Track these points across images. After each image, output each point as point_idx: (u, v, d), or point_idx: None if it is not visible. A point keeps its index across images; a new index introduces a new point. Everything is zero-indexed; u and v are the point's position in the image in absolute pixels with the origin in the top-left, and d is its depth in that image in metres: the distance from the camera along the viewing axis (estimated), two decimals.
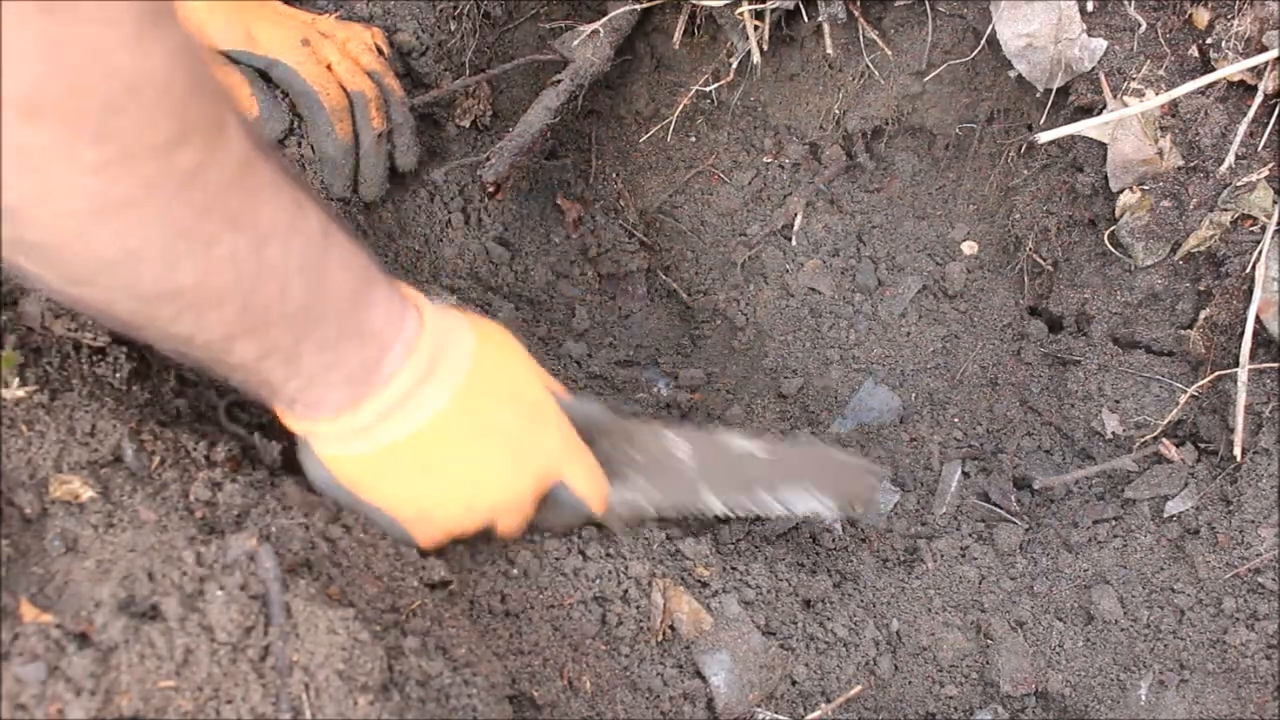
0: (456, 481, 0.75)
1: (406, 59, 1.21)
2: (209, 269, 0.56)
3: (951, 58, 1.19)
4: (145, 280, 0.55)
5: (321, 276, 0.63)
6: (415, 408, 0.70)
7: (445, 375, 0.71)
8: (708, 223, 1.44)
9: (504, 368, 0.77)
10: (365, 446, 0.71)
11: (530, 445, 0.78)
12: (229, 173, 0.55)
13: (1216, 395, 1.05)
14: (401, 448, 0.71)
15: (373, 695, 0.60)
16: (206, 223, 0.55)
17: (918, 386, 1.28)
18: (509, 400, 0.77)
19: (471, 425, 0.73)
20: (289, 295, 0.61)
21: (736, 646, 0.92)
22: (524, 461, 0.78)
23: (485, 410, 0.74)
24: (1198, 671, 0.98)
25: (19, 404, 0.68)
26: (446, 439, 0.72)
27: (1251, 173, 0.98)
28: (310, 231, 0.62)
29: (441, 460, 0.73)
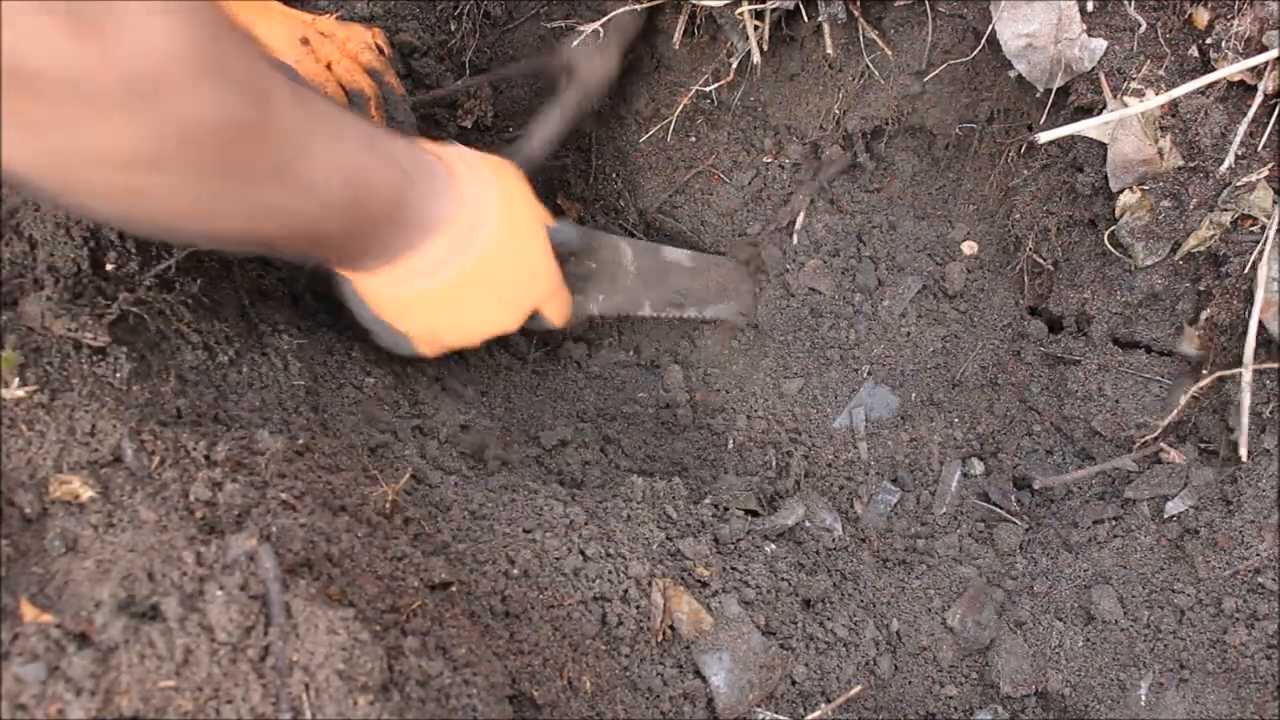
0: (465, 319, 0.96)
1: (408, 59, 1.21)
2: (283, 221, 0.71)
3: (951, 58, 1.19)
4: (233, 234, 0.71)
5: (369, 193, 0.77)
6: (444, 269, 0.88)
7: (472, 247, 0.89)
8: (708, 223, 1.44)
9: (518, 233, 0.94)
10: (401, 290, 0.89)
11: (525, 295, 1.00)
12: (286, 153, 0.67)
13: (1216, 395, 1.05)
14: (429, 294, 0.89)
15: (373, 695, 0.60)
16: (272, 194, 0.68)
17: (918, 386, 1.28)
18: (516, 263, 0.95)
19: (485, 283, 0.92)
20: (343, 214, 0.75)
21: (736, 646, 0.92)
22: (518, 306, 1.00)
23: (497, 273, 0.93)
24: (1198, 671, 0.98)
25: (19, 404, 0.68)
26: (464, 292, 0.91)
27: (1251, 173, 0.98)
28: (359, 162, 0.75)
29: (457, 306, 0.92)
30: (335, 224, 0.76)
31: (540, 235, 0.99)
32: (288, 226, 0.71)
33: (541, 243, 0.99)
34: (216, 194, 0.63)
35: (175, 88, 0.55)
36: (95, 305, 0.79)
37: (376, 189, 0.77)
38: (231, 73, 0.59)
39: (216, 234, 0.70)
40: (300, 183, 0.69)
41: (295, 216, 0.71)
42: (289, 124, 0.66)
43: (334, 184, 0.72)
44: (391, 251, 0.85)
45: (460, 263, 0.88)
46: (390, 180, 0.79)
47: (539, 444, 1.21)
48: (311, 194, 0.70)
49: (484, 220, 0.89)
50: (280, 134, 0.65)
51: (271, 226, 0.70)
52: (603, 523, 0.98)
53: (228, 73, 0.59)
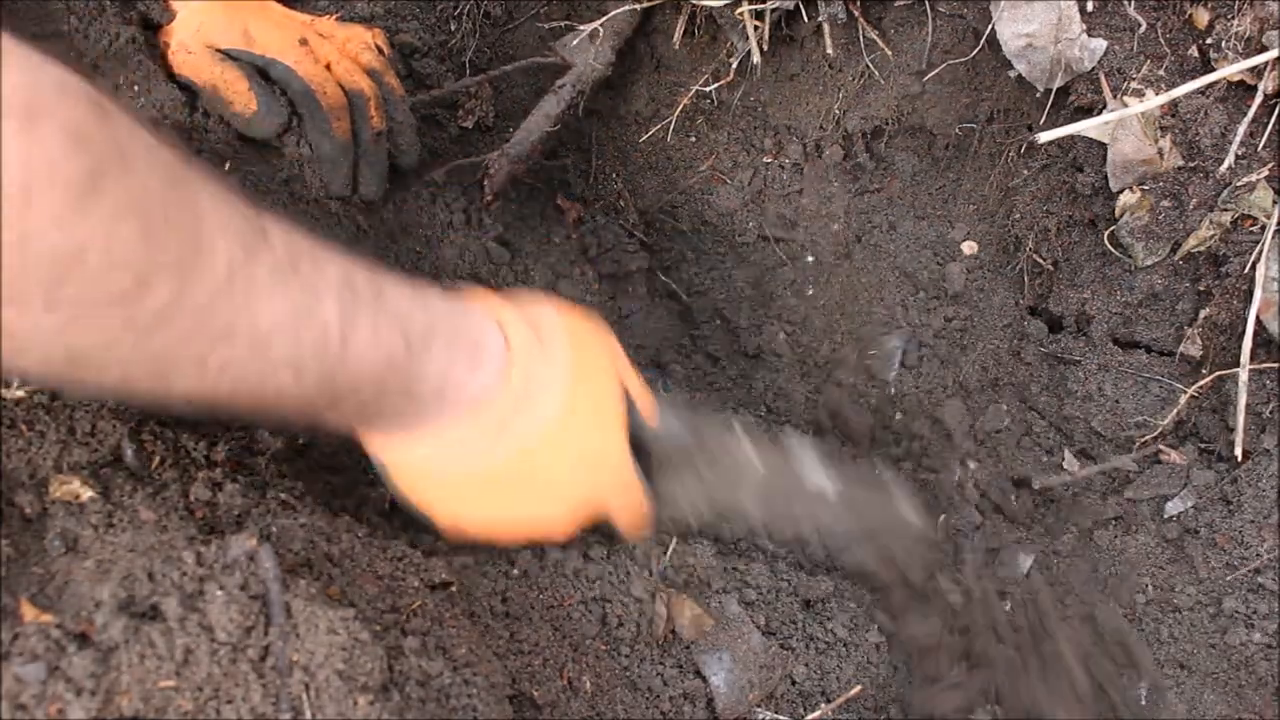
0: (497, 519, 0.79)
1: (408, 59, 1.21)
2: (203, 381, 0.56)
3: (951, 58, 1.19)
4: (145, 397, 0.56)
5: (343, 356, 0.62)
6: (472, 456, 0.72)
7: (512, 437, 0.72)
8: (708, 223, 1.44)
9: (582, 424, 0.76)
10: (415, 465, 0.74)
11: (580, 495, 0.80)
12: (211, 290, 0.54)
13: (1216, 395, 1.05)
14: (448, 480, 0.74)
15: (373, 695, 0.60)
16: (190, 346, 0.54)
17: (918, 386, 1.28)
18: (575, 460, 0.77)
19: (524, 483, 0.75)
20: (305, 379, 0.60)
21: (736, 647, 0.92)
22: (570, 510, 0.80)
23: (545, 473, 0.75)
24: (1197, 672, 0.98)
25: (19, 404, 0.68)
26: (493, 489, 0.75)
27: (1251, 173, 0.98)
28: (326, 317, 0.60)
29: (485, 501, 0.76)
30: (299, 393, 0.61)
31: (615, 429, 0.79)
32: (223, 387, 0.58)
33: (614, 438, 0.80)
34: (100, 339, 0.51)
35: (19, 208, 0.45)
36: None
37: (358, 353, 0.62)
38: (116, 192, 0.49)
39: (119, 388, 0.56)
40: (234, 335, 0.56)
41: (230, 374, 0.57)
42: (220, 259, 0.54)
43: (287, 346, 0.59)
44: (404, 422, 0.70)
45: (493, 456, 0.72)
46: (382, 343, 0.64)
47: None
48: (253, 350, 0.57)
49: (535, 409, 0.73)
50: (205, 270, 0.53)
51: (197, 384, 0.57)
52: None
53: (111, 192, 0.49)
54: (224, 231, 0.55)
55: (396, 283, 0.67)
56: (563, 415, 0.74)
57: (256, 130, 0.97)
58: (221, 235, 0.54)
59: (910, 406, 1.25)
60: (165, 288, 0.52)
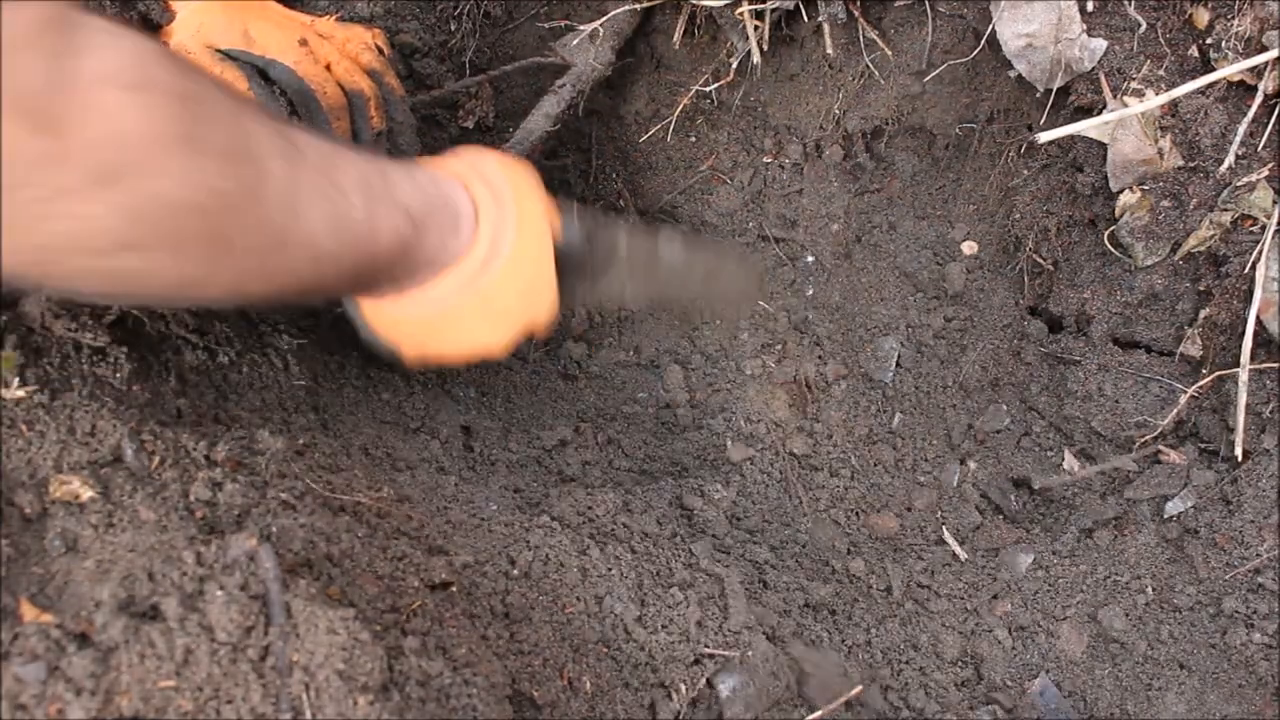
0: (457, 341, 0.92)
1: (408, 60, 1.21)
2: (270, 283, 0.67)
3: (951, 58, 1.19)
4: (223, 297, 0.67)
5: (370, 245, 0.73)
6: (448, 300, 0.85)
7: (480, 282, 0.86)
8: (708, 223, 1.44)
9: (527, 265, 0.90)
10: (400, 313, 0.85)
11: (523, 320, 0.95)
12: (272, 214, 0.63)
13: (1216, 395, 1.05)
14: (427, 319, 0.86)
15: (373, 695, 0.60)
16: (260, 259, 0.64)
17: (917, 386, 1.28)
18: (523, 291, 0.92)
19: (484, 312, 0.89)
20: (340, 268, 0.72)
21: (744, 654, 0.92)
22: (513, 329, 0.95)
23: (499, 302, 0.90)
24: (1197, 672, 0.98)
25: (19, 404, 0.68)
26: (462, 319, 0.88)
27: (1251, 173, 0.98)
28: (355, 214, 0.71)
29: (452, 330, 0.89)
30: (333, 278, 0.73)
31: (547, 261, 0.95)
32: (283, 284, 0.68)
33: (548, 269, 0.96)
34: (202, 266, 0.61)
35: (142, 168, 0.53)
36: (95, 305, 0.79)
37: (380, 240, 0.74)
38: (208, 144, 0.57)
39: (205, 299, 0.68)
40: (290, 242, 0.66)
41: (289, 274, 0.68)
42: (279, 188, 0.63)
43: (330, 242, 0.69)
44: (399, 287, 0.83)
45: (466, 295, 0.86)
46: (396, 229, 0.76)
47: (539, 444, 1.21)
48: (304, 251, 0.67)
49: (498, 256, 0.86)
50: (269, 200, 0.62)
51: (265, 286, 0.67)
52: (607, 527, 0.98)
53: (203, 145, 0.57)
54: (273, 153, 0.63)
55: (395, 168, 0.78)
56: (515, 255, 0.87)
57: None
58: (271, 157, 0.62)
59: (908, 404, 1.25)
60: (246, 216, 0.60)
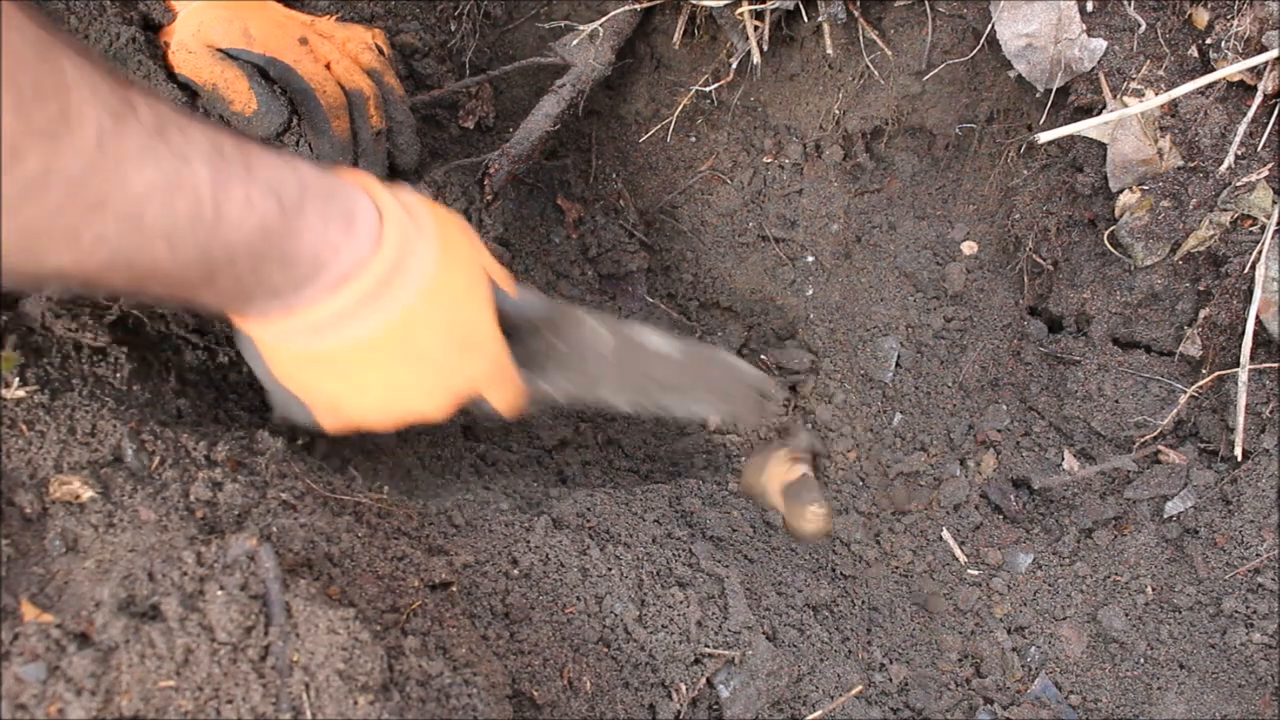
0: (375, 394, 0.78)
1: (408, 60, 1.21)
2: (77, 254, 0.57)
3: (951, 58, 1.19)
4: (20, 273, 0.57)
5: (217, 223, 0.63)
6: (349, 326, 0.72)
7: (388, 304, 0.73)
8: (708, 223, 1.44)
9: (454, 295, 0.78)
10: (295, 346, 0.73)
11: (456, 372, 0.81)
12: (81, 159, 0.55)
13: (1216, 395, 1.05)
14: (328, 355, 0.74)
15: (373, 695, 0.60)
16: (62, 217, 0.55)
17: (917, 387, 1.28)
18: (448, 331, 0.78)
19: (402, 352, 0.76)
20: (180, 250, 0.61)
21: (744, 654, 0.92)
22: (446, 385, 0.81)
23: (418, 342, 0.76)
24: (1197, 672, 0.98)
25: (19, 404, 0.68)
26: (374, 359, 0.75)
27: (1251, 173, 0.98)
28: (198, 183, 0.61)
29: (364, 376, 0.76)
30: (174, 262, 0.62)
31: (483, 303, 0.82)
32: (98, 258, 0.59)
33: (483, 312, 0.82)
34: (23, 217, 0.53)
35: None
36: (95, 305, 0.79)
37: (231, 217, 0.63)
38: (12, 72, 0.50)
39: (44, 272, 0.58)
40: (106, 203, 0.57)
41: (106, 246, 0.59)
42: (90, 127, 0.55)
43: (161, 208, 0.60)
44: (283, 297, 0.70)
45: (369, 319, 0.73)
46: (255, 207, 0.65)
47: (539, 444, 1.21)
48: (126, 219, 0.58)
49: (409, 274, 0.74)
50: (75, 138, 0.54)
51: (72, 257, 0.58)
52: (607, 527, 0.98)
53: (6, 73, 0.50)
54: (92, 101, 0.55)
55: (265, 150, 0.67)
56: (435, 280, 0.75)
57: (256, 129, 0.97)
58: (90, 105, 0.55)
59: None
60: (35, 157, 0.52)
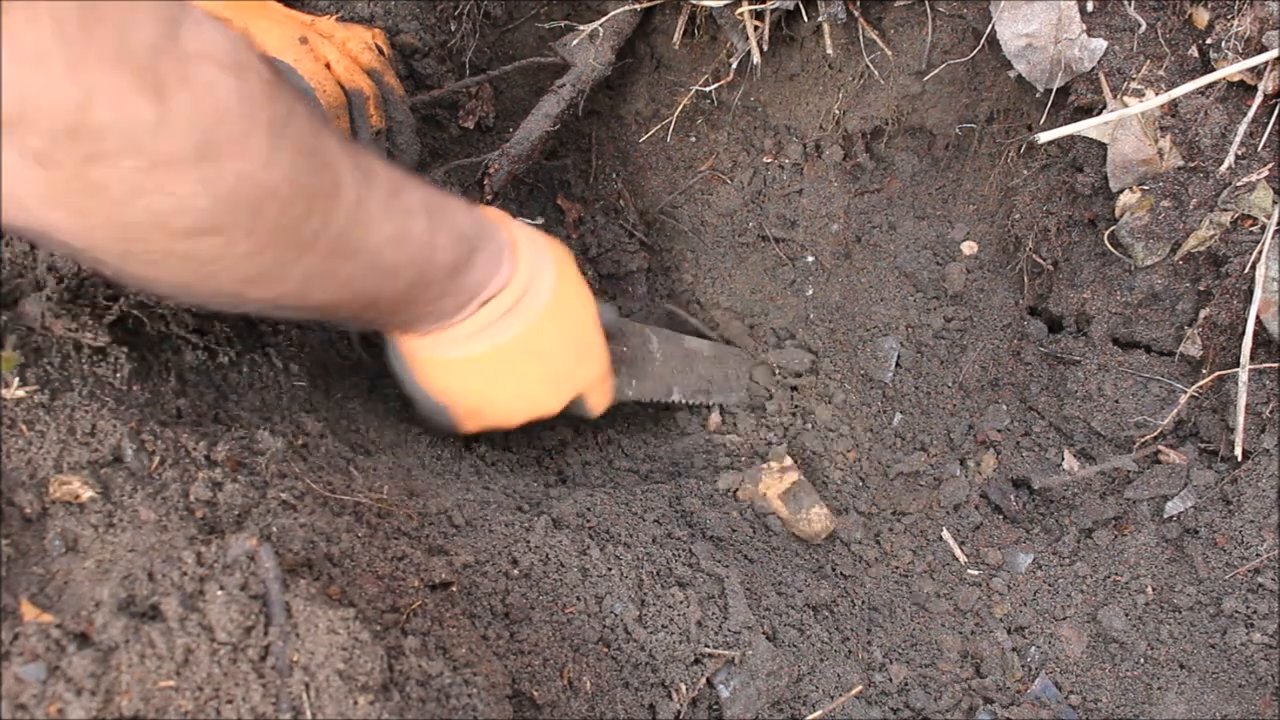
0: (508, 392, 0.92)
1: (409, 60, 1.21)
2: (335, 292, 0.70)
3: (951, 58, 1.19)
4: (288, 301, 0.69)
5: (429, 264, 0.77)
6: (493, 335, 0.86)
7: (523, 313, 0.87)
8: (708, 223, 1.44)
9: (570, 308, 0.92)
10: (445, 354, 0.87)
11: (573, 374, 0.96)
12: (344, 216, 0.66)
13: (1216, 395, 1.05)
14: (473, 360, 0.87)
15: (373, 695, 0.60)
16: (329, 263, 0.67)
17: (917, 387, 1.28)
18: (568, 338, 0.93)
19: (533, 354, 0.90)
20: (399, 284, 0.76)
21: (744, 654, 0.92)
22: (565, 386, 0.96)
23: (546, 345, 0.90)
24: (1197, 672, 0.98)
25: (19, 404, 0.68)
26: (510, 361, 0.88)
27: (1251, 173, 0.98)
28: (418, 233, 0.74)
29: (501, 376, 0.90)
30: (392, 293, 0.75)
31: (591, 316, 0.96)
32: (344, 294, 0.71)
33: (594, 321, 0.97)
34: (275, 260, 0.62)
35: (240, 148, 0.54)
36: (95, 305, 0.79)
37: (438, 259, 0.77)
38: (293, 137, 0.58)
39: (271, 301, 0.69)
40: (359, 251, 0.68)
41: (352, 284, 0.70)
42: (350, 190, 0.65)
43: (394, 253, 0.72)
44: (445, 317, 0.84)
45: (509, 328, 0.86)
46: (453, 249, 0.78)
47: (539, 444, 1.21)
48: (370, 262, 0.70)
49: (538, 289, 0.87)
50: (342, 200, 0.64)
51: (328, 294, 0.70)
52: (607, 527, 0.98)
53: (291, 135, 0.58)
54: (349, 167, 0.66)
55: (452, 199, 0.81)
56: (556, 296, 0.89)
57: None
58: (348, 170, 0.66)
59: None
60: (319, 215, 0.63)
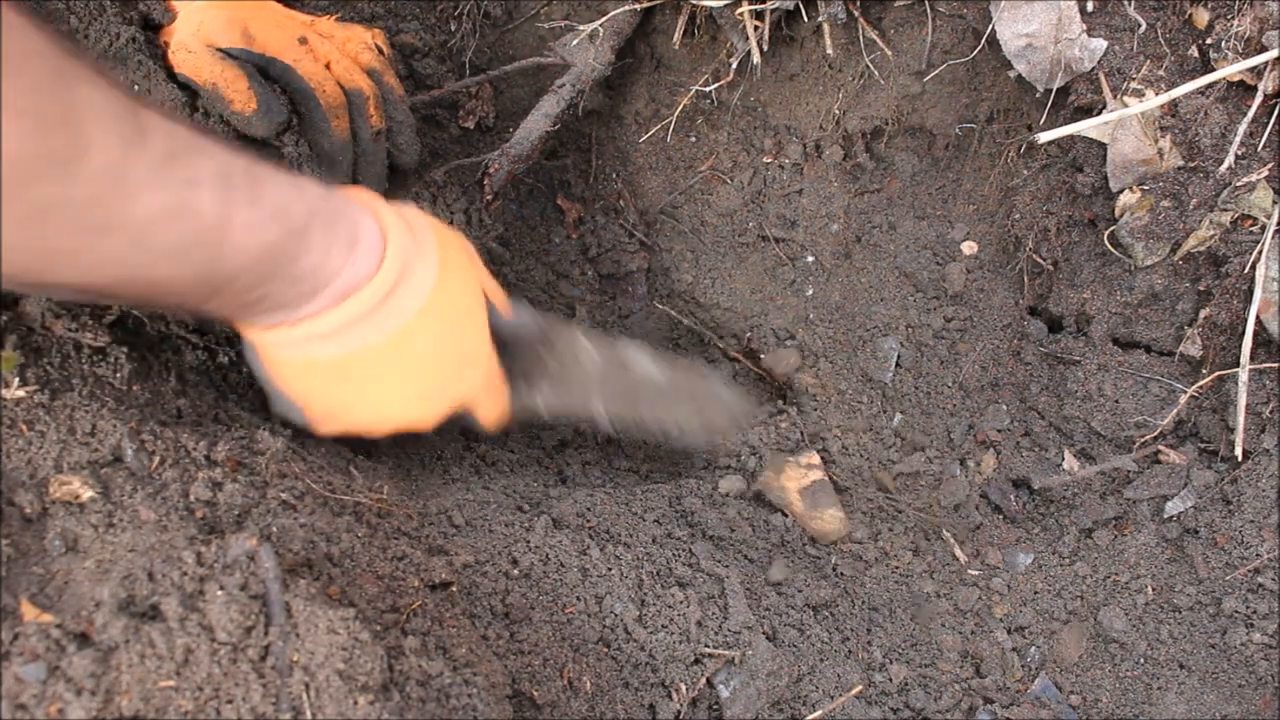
0: (369, 401, 0.81)
1: (409, 60, 1.21)
2: (85, 271, 0.60)
3: (951, 58, 1.19)
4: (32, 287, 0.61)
5: (221, 246, 0.65)
6: (350, 336, 0.75)
7: (388, 316, 0.76)
8: (708, 223, 1.44)
9: (449, 310, 0.81)
10: (296, 354, 0.77)
11: (449, 386, 0.84)
12: (89, 184, 0.56)
13: (1216, 395, 1.05)
14: (328, 363, 0.77)
15: (373, 695, 0.60)
16: (71, 238, 0.57)
17: (917, 387, 1.28)
18: (441, 345, 0.81)
19: (398, 362, 0.79)
20: (185, 270, 0.64)
21: (744, 654, 0.92)
22: (439, 397, 0.84)
23: (414, 353, 0.79)
24: (1197, 672, 0.98)
25: (19, 404, 0.68)
26: (371, 367, 0.78)
27: (1251, 173, 0.98)
28: (206, 208, 0.63)
29: (361, 382, 0.79)
30: (182, 277, 0.65)
31: (478, 319, 0.86)
32: (111, 276, 0.62)
33: (478, 328, 0.86)
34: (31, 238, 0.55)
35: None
36: (95, 305, 0.79)
37: (238, 240, 0.66)
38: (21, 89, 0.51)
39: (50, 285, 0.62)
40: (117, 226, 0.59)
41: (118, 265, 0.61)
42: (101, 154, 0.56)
43: (167, 234, 0.61)
44: (286, 310, 0.74)
45: (370, 331, 0.76)
46: (262, 229, 0.67)
47: (539, 444, 1.21)
48: (135, 239, 0.60)
49: (409, 289, 0.77)
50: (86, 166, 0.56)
51: (87, 275, 0.61)
52: (607, 527, 0.98)
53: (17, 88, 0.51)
54: (104, 128, 0.56)
55: (274, 173, 0.69)
56: (433, 298, 0.78)
57: (256, 129, 0.97)
58: (100, 130, 0.56)
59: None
60: (45, 184, 0.54)
